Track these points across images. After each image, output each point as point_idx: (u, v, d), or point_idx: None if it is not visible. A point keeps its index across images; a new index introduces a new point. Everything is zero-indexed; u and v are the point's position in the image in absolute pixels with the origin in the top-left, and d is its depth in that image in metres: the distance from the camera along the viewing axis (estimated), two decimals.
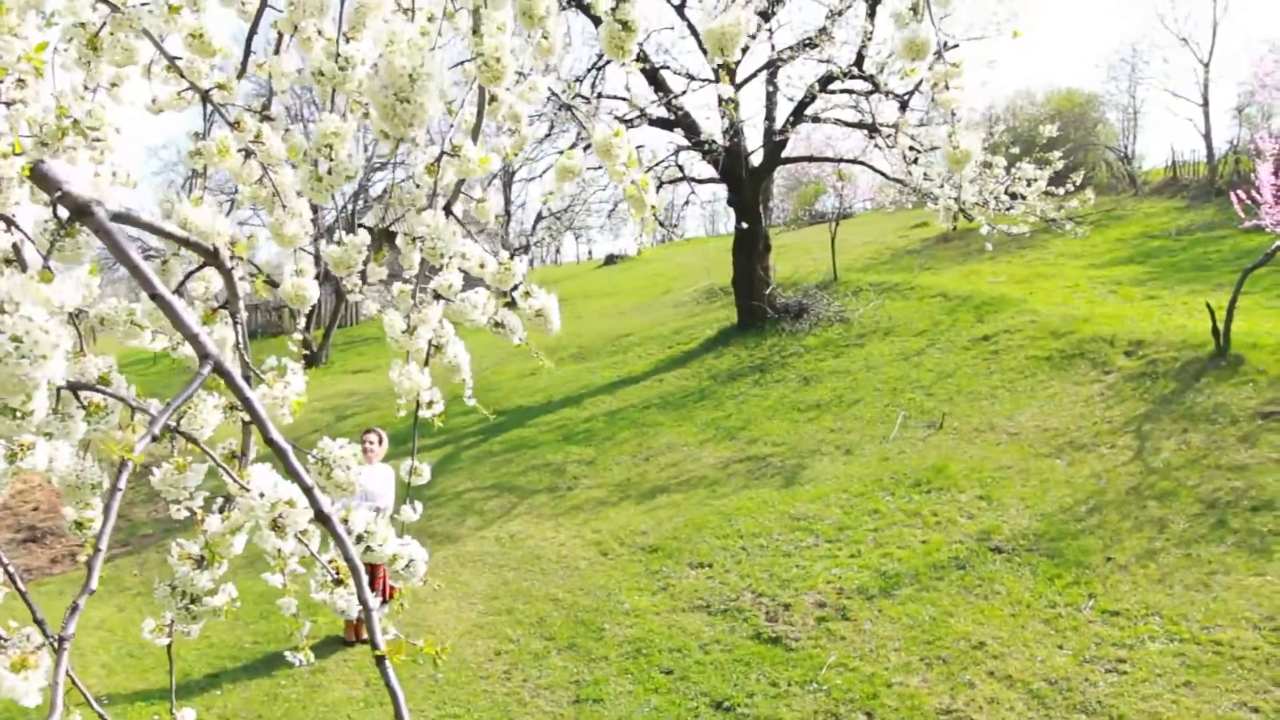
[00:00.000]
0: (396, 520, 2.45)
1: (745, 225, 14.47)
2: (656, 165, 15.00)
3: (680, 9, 15.13)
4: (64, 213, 1.57)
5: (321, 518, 1.78)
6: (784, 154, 16.18)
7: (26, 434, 1.71)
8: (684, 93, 14.49)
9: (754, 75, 15.35)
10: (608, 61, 14.21)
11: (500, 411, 14.43)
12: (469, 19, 1.94)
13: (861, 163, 16.05)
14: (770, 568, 7.96)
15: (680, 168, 15.98)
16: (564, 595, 8.17)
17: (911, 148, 13.62)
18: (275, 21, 2.83)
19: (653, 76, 14.73)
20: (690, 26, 15.21)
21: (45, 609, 1.67)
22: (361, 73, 2.30)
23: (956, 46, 13.48)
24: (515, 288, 2.62)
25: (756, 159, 15.95)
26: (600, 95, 14.53)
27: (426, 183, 2.37)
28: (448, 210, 2.25)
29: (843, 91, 14.74)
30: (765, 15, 13.43)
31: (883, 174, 15.69)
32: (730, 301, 17.40)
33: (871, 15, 13.30)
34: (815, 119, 15.14)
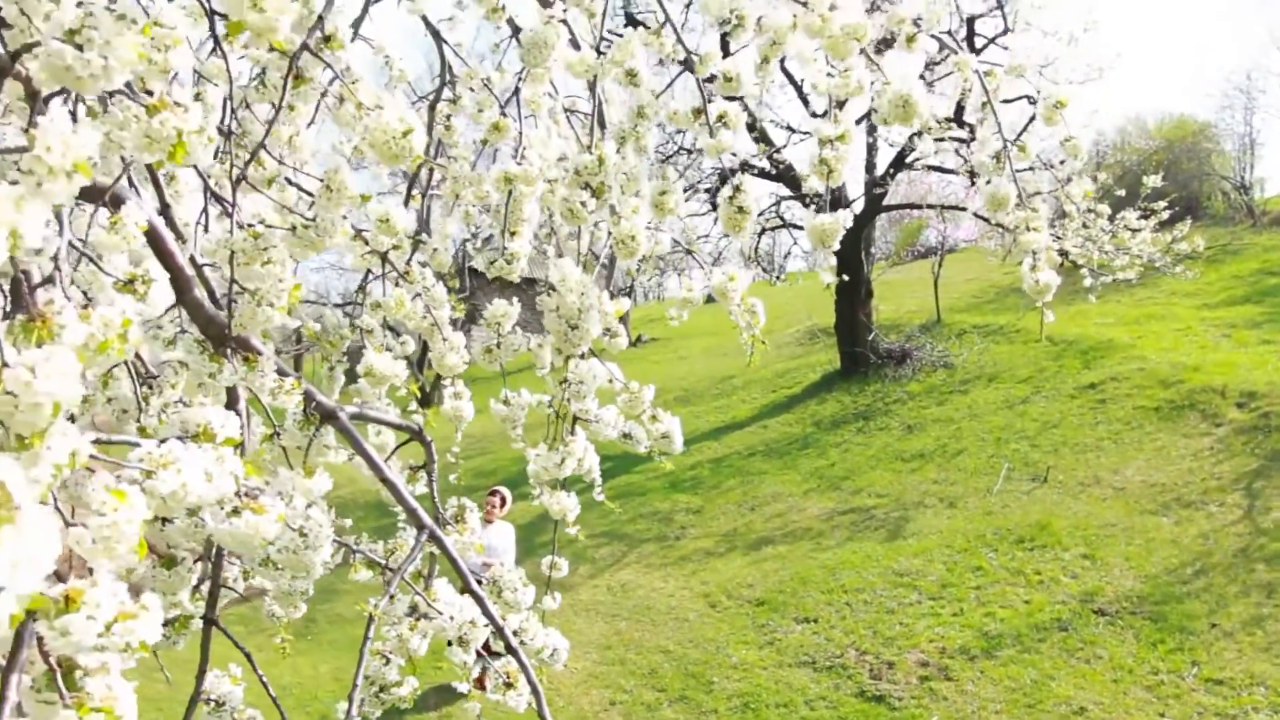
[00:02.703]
0: (537, 608, 2.89)
1: (845, 277, 14.77)
2: (760, 215, 15.41)
3: (781, 61, 15.53)
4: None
5: (500, 632, 2.25)
6: (885, 201, 16.41)
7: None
8: (785, 146, 14.87)
9: (856, 122, 15.63)
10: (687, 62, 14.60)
11: (607, 457, 14.93)
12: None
13: (962, 209, 16.16)
14: (874, 624, 8.23)
15: (781, 217, 16.36)
16: (674, 647, 8.57)
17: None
18: (442, 193, 3.38)
19: (753, 129, 15.16)
20: (789, 77, 15.61)
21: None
22: (523, 264, 2.79)
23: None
24: (642, 413, 3.08)
25: (857, 207, 16.21)
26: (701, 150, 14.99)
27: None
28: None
29: (940, 139, 14.91)
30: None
31: (985, 219, 15.78)
32: (832, 343, 17.64)
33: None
34: (913, 166, 15.34)
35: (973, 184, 14.88)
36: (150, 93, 1.38)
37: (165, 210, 2.31)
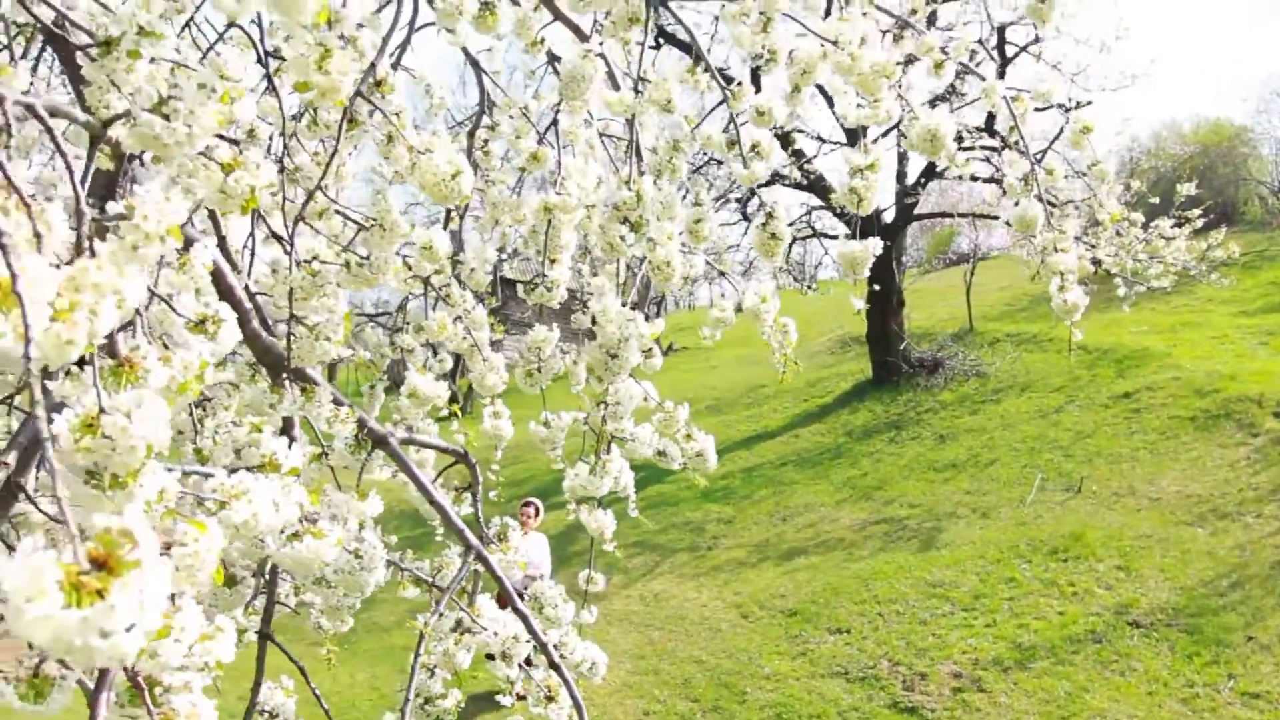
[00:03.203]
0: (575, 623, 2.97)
1: (877, 287, 14.78)
2: (790, 225, 15.45)
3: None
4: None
5: (543, 648, 2.33)
6: (916, 210, 16.40)
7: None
8: (815, 156, 14.91)
9: (885, 133, 15.67)
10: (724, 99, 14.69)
11: (639, 466, 15.01)
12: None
13: (994, 217, 16.11)
14: (907, 635, 8.25)
15: (812, 227, 16.40)
16: (707, 657, 8.62)
17: (1049, 201, 13.66)
18: (480, 224, 3.47)
19: (784, 139, 15.21)
20: (819, 87, 15.64)
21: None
22: (562, 291, 2.88)
23: (1090, 104, 13.52)
24: (678, 431, 3.16)
25: (889, 216, 16.22)
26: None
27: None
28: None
29: (968, 148, 14.90)
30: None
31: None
32: (864, 352, 17.62)
33: (1002, 76, 13.47)
34: (943, 175, 15.33)
35: (1004, 192, 14.84)
36: (231, 140, 1.48)
37: (221, 242, 2.43)
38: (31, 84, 1.93)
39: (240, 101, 1.47)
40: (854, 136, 12.29)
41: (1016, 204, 3.37)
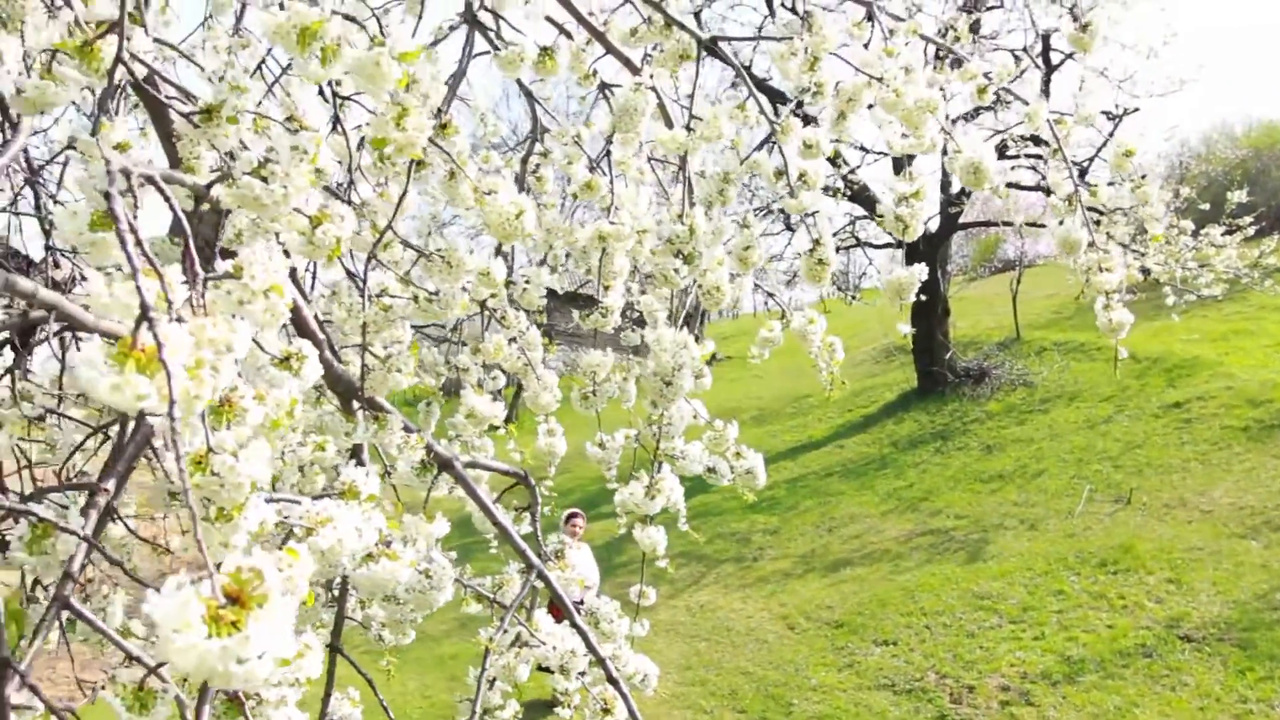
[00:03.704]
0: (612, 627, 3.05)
1: (924, 297, 14.76)
2: (834, 235, 15.48)
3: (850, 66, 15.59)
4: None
5: (601, 663, 2.42)
6: (961, 219, 16.33)
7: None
8: (859, 166, 14.92)
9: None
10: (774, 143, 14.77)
11: (683, 477, 15.08)
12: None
13: (1041, 225, 16.00)
14: (954, 648, 8.24)
15: (856, 237, 16.39)
16: (754, 668, 8.67)
17: (1092, 209, 13.57)
18: (534, 247, 3.58)
19: (833, 161, 15.26)
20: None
21: None
22: (616, 317, 2.98)
23: (1137, 110, 13.40)
24: (726, 450, 3.24)
25: (933, 225, 16.16)
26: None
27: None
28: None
29: (1013, 156, 14.84)
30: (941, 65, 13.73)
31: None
32: (909, 361, 17.56)
33: (1046, 87, 13.42)
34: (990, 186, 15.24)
35: (1049, 197, 14.72)
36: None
37: (291, 272, 2.55)
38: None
39: (320, 148, 1.58)
40: (899, 163, 12.29)
41: (1061, 223, 3.42)
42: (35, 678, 1.34)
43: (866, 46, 2.77)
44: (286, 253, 2.29)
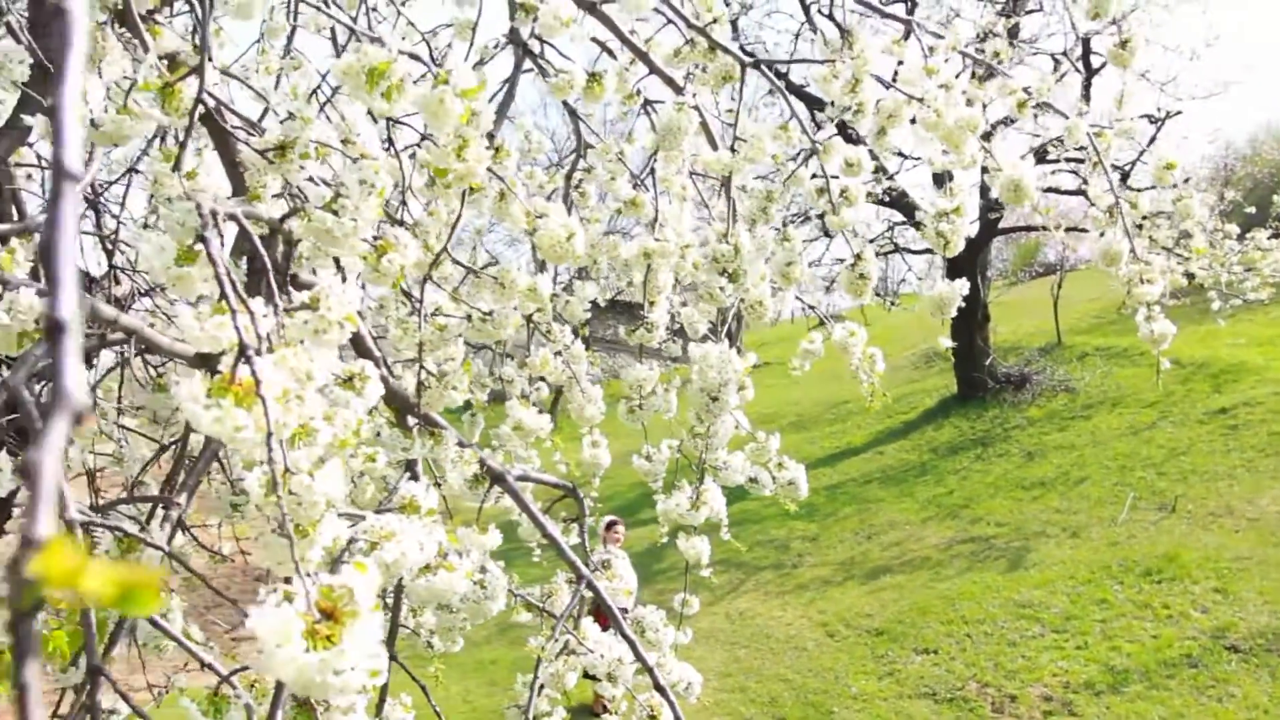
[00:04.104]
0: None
1: (964, 303, 14.69)
2: (872, 242, 15.43)
3: (890, 85, 15.57)
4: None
5: (649, 671, 2.48)
6: (1000, 224, 16.23)
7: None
8: (898, 172, 14.88)
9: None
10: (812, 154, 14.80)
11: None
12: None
13: (1083, 229, 15.86)
14: (995, 656, 8.20)
15: (894, 243, 16.35)
16: (794, 676, 8.68)
17: (1133, 206, 13.46)
18: (578, 270, 3.65)
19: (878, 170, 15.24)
20: None
21: None
22: (661, 332, 3.04)
23: (1179, 113, 13.25)
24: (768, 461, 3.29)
25: (972, 230, 16.08)
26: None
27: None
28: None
29: (1053, 160, 14.73)
30: (984, 78, 13.70)
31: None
32: (948, 367, 17.47)
33: (1086, 91, 13.33)
34: None
35: (1092, 204, 14.60)
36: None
37: None
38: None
39: (378, 174, 1.66)
40: (939, 177, 12.27)
41: (1102, 235, 3.44)
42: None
43: (900, 65, 2.82)
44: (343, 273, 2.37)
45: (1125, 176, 13.73)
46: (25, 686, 0.28)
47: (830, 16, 15.41)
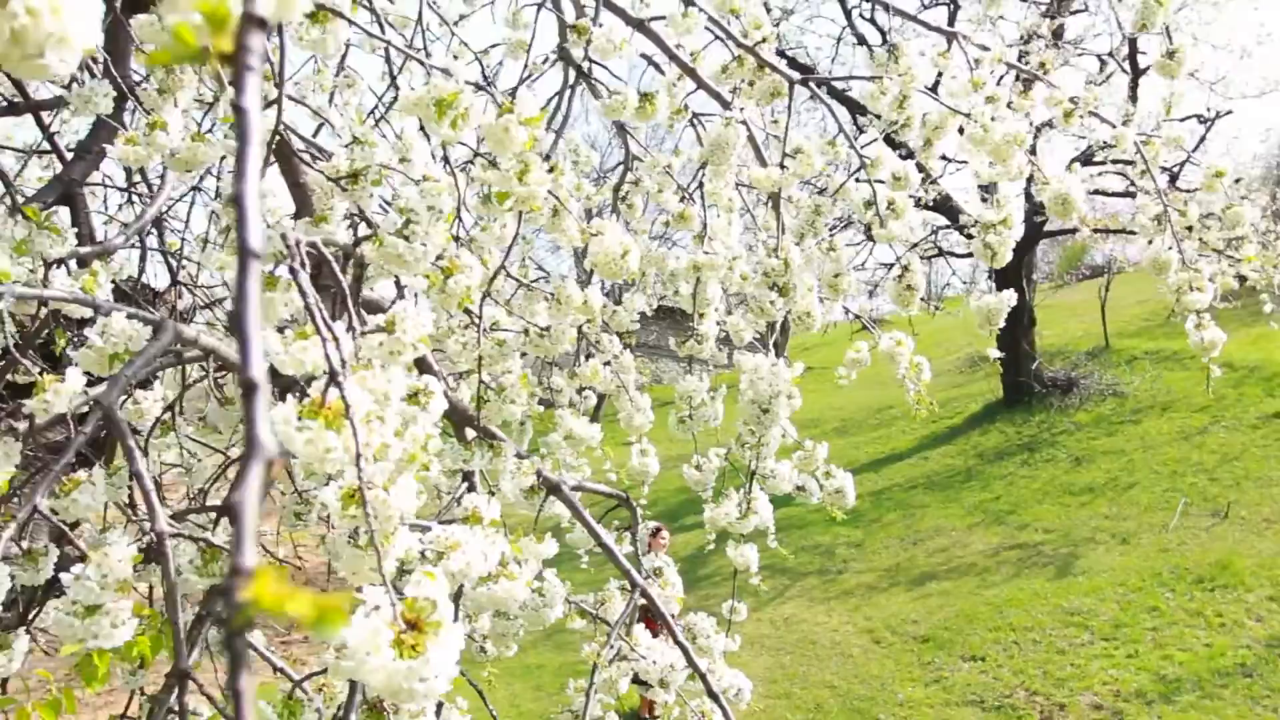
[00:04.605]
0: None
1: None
2: (915, 246, 15.37)
3: (933, 89, 15.49)
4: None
5: (702, 678, 2.52)
6: (1046, 226, 16.07)
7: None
8: (940, 176, 14.80)
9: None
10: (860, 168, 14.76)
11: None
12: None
13: (1130, 232, 15.67)
14: (1044, 664, 8.13)
15: (938, 247, 16.25)
16: (839, 683, 8.67)
17: (1182, 214, 13.28)
18: (623, 281, 3.71)
19: (907, 159, 15.16)
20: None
21: None
22: (711, 344, 3.08)
23: (1230, 113, 13.05)
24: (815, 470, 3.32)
25: (1018, 233, 15.93)
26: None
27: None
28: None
29: (1099, 162, 14.58)
30: (1027, 84, 13.60)
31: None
32: (994, 371, 17.32)
33: (1133, 92, 13.18)
34: None
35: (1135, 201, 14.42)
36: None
37: None
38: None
39: (441, 196, 1.72)
40: (985, 186, 12.22)
41: (1150, 243, 3.43)
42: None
43: (940, 77, 2.84)
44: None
45: (1174, 178, 13.55)
46: (240, 693, 0.33)
47: (872, 20, 15.39)
